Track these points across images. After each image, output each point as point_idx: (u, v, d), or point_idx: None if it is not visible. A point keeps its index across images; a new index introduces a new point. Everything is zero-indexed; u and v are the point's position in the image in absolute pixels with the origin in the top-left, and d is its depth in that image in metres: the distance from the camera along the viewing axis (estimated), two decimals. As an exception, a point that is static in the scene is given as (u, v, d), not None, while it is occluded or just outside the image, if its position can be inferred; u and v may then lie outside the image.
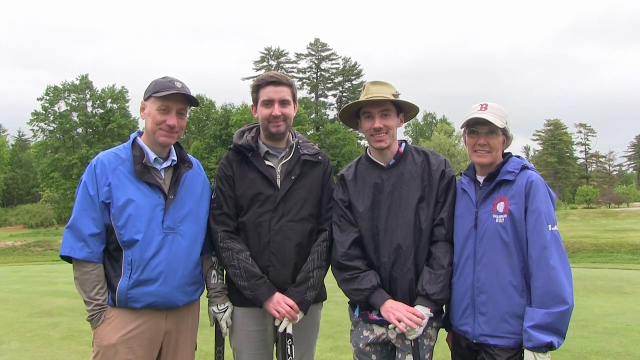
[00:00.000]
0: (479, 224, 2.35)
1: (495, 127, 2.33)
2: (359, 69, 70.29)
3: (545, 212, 2.21)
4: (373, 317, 2.54)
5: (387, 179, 2.57)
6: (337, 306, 6.13)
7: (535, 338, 2.12)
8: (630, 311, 7.29)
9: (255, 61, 72.30)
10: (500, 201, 2.31)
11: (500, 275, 2.25)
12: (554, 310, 2.12)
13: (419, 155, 2.64)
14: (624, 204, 53.59)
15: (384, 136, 2.54)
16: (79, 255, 2.32)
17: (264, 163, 2.61)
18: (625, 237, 25.70)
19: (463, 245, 2.40)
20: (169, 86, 2.40)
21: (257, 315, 2.59)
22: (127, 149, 2.45)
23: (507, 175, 2.32)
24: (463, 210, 2.45)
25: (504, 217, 2.27)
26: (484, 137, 2.37)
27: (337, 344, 5.49)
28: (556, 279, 2.13)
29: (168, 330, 2.45)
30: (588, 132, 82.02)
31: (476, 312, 2.31)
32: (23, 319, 7.27)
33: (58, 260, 26.31)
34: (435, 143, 50.71)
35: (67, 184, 49.43)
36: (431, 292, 2.41)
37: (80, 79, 52.69)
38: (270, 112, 2.56)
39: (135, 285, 2.33)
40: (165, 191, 2.42)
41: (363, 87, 2.66)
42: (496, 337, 2.25)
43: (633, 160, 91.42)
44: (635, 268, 15.86)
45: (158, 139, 2.43)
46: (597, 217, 38.28)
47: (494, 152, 2.38)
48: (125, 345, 2.33)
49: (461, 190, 2.51)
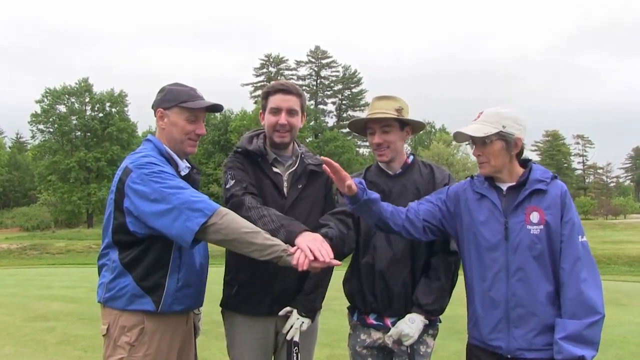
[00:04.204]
0: (511, 235, 2.23)
1: (478, 137, 2.26)
2: (358, 77, 70.56)
3: (577, 223, 2.20)
4: (370, 321, 2.61)
5: (394, 187, 2.64)
6: (334, 314, 6.12)
7: (566, 350, 2.07)
8: (627, 323, 7.28)
9: (255, 68, 72.55)
10: (534, 211, 2.22)
11: (538, 288, 2.18)
12: (586, 320, 2.08)
13: (425, 168, 2.72)
14: (621, 216, 53.69)
15: (385, 151, 2.61)
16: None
17: (272, 170, 2.61)
18: (623, 249, 25.69)
19: (492, 257, 2.27)
20: (193, 96, 2.39)
21: (258, 324, 2.58)
22: (158, 155, 2.37)
23: (539, 185, 2.24)
24: (488, 218, 2.31)
25: (539, 228, 2.20)
26: (477, 149, 2.31)
27: (334, 353, 5.47)
28: (588, 290, 2.11)
29: (187, 330, 2.49)
30: (586, 143, 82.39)
31: (511, 327, 2.21)
32: (18, 323, 7.23)
33: (54, 264, 26.14)
34: (434, 152, 50.75)
35: (64, 187, 49.34)
36: (424, 302, 2.46)
37: (79, 83, 52.73)
38: (277, 120, 2.55)
39: (182, 288, 2.32)
40: None
41: (368, 102, 2.73)
42: (533, 351, 2.18)
43: (630, 172, 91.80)
44: (633, 280, 15.85)
45: (186, 149, 2.42)
46: (594, 228, 38.28)
47: (493, 160, 2.28)
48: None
49: (477, 194, 2.36)
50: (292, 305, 2.52)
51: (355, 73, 70.48)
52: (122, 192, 2.22)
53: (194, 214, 2.08)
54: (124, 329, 2.23)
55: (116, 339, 2.24)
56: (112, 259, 2.28)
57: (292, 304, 2.52)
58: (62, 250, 31.82)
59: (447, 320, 2.62)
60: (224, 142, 54.76)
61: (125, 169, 2.26)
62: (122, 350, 2.23)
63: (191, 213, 2.09)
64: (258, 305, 2.54)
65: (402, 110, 2.59)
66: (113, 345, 2.25)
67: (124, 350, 2.22)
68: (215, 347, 5.49)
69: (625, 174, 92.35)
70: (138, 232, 2.22)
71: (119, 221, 2.25)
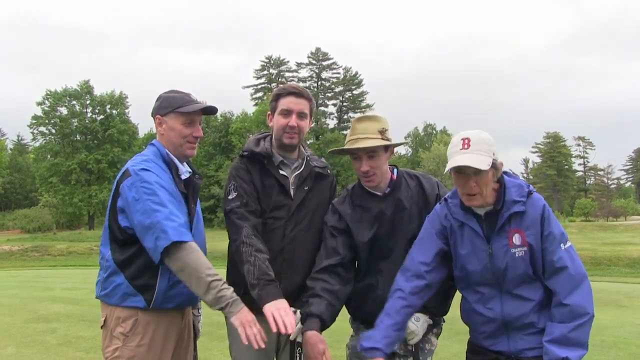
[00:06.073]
0: (496, 260, 2.23)
1: (479, 169, 2.14)
2: (359, 79, 70.53)
3: (558, 233, 2.19)
4: None
5: (386, 208, 2.55)
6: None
7: (552, 352, 2.11)
8: (627, 324, 7.30)
9: (256, 69, 72.68)
10: (516, 233, 2.20)
11: (531, 302, 2.21)
12: (573, 323, 2.11)
13: (412, 180, 2.63)
14: (622, 218, 53.64)
15: (372, 177, 2.51)
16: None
17: (279, 172, 2.63)
18: (623, 251, 25.69)
19: (482, 286, 2.29)
20: (188, 100, 2.48)
21: (262, 323, 2.58)
22: (159, 158, 2.46)
23: (517, 207, 2.19)
24: (472, 246, 2.28)
25: (523, 250, 2.19)
26: (472, 179, 2.17)
27: (335, 354, 5.42)
28: (574, 297, 2.13)
29: (183, 327, 2.55)
30: (587, 145, 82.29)
31: (510, 333, 2.25)
32: (19, 325, 7.25)
33: (55, 265, 26.20)
34: (435, 154, 50.80)
35: (65, 189, 49.41)
36: (428, 304, 2.43)
37: (80, 85, 52.84)
38: (287, 122, 2.57)
39: (173, 286, 2.37)
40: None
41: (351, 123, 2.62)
42: (534, 349, 2.22)
43: (631, 173, 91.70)
44: (633, 281, 15.85)
45: (185, 152, 2.50)
46: (595, 230, 38.28)
47: (485, 190, 2.19)
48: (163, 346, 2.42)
49: (456, 220, 2.30)
50: (295, 305, 2.51)
51: (356, 75, 70.50)
52: (118, 192, 2.34)
53: (162, 235, 2.18)
54: (119, 320, 2.34)
55: (112, 329, 2.35)
56: (106, 257, 2.39)
57: (296, 304, 2.52)
58: (64, 252, 31.83)
59: (448, 321, 2.63)
60: (225, 144, 54.81)
61: (125, 172, 2.36)
62: (117, 340, 2.33)
63: (161, 234, 2.18)
64: None
65: (386, 131, 2.51)
66: (110, 335, 2.36)
67: (119, 340, 2.33)
68: (216, 348, 5.51)
69: (626, 176, 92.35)
70: (129, 228, 2.31)
71: (114, 218, 2.35)
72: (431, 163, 51.38)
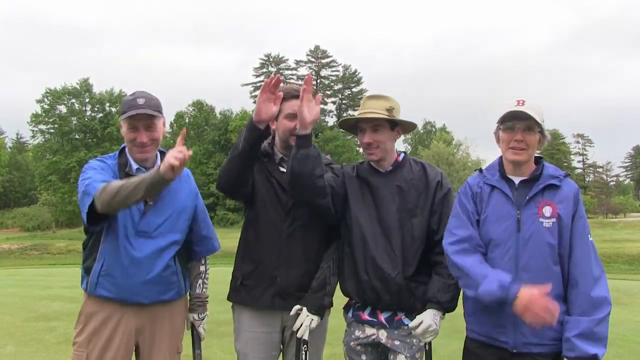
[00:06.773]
0: (523, 227, 2.23)
1: (533, 123, 2.23)
2: (358, 77, 70.57)
3: (587, 226, 2.24)
4: (365, 317, 2.63)
5: (381, 183, 2.64)
6: (335, 313, 6.10)
7: (579, 348, 2.07)
8: (627, 322, 7.30)
9: (255, 67, 72.58)
10: (547, 205, 2.22)
11: (548, 282, 2.13)
12: (597, 316, 2.10)
13: (416, 165, 2.72)
14: (621, 215, 53.70)
15: (375, 150, 2.61)
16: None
17: (278, 169, 2.71)
18: (623, 248, 25.76)
19: (501, 251, 2.25)
20: (132, 105, 2.49)
21: (264, 317, 2.64)
22: (114, 157, 2.62)
23: (553, 180, 2.25)
24: (500, 210, 2.29)
25: (551, 222, 2.21)
26: (521, 133, 2.25)
27: (335, 351, 5.44)
28: (599, 288, 2.13)
29: (140, 327, 2.52)
30: (586, 142, 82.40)
31: (518, 321, 2.16)
32: (19, 323, 7.23)
33: (55, 264, 26.12)
34: (434, 152, 50.78)
35: (64, 187, 49.37)
36: (443, 300, 2.46)
37: (80, 83, 52.78)
38: (294, 125, 2.61)
39: (104, 275, 2.47)
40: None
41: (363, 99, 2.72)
42: (540, 345, 2.19)
43: (630, 170, 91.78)
44: (633, 279, 15.89)
45: (134, 155, 2.56)
46: (594, 227, 38.20)
47: (530, 149, 2.26)
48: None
49: (488, 186, 2.35)
50: (301, 303, 2.58)
51: (355, 72, 70.52)
52: None
53: (86, 197, 2.36)
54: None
55: None
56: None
57: (301, 302, 2.58)
58: (63, 250, 31.90)
59: (447, 318, 2.62)
60: (224, 142, 54.75)
61: None
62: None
63: (86, 197, 2.36)
64: (261, 298, 2.61)
65: (393, 110, 2.59)
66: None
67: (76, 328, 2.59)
68: (216, 346, 5.51)
69: (625, 173, 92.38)
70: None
71: None
72: (430, 160, 51.37)
